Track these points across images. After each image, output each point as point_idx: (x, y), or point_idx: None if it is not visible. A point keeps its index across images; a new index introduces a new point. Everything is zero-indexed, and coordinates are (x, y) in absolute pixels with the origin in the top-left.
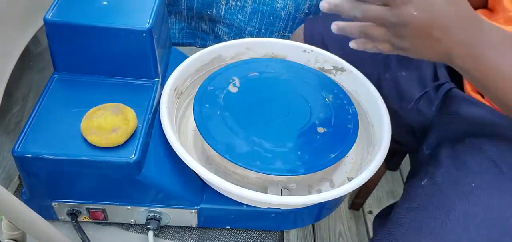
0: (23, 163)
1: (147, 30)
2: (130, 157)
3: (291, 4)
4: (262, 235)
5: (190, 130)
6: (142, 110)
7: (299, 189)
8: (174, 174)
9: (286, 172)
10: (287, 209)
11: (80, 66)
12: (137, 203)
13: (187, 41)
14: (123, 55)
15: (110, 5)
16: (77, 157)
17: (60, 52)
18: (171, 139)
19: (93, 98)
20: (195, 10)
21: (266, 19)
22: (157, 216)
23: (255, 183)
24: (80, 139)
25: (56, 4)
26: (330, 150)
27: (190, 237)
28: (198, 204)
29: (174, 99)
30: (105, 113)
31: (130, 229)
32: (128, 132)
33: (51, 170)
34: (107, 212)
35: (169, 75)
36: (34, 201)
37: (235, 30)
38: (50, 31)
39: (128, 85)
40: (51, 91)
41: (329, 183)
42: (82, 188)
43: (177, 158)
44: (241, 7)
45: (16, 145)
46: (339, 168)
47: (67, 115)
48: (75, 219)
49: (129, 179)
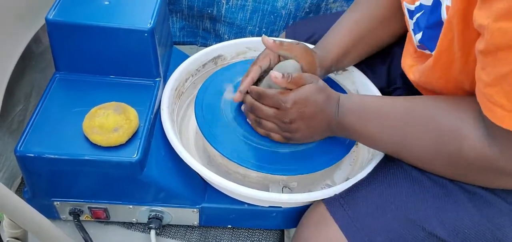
0: (26, 163)
1: (148, 30)
2: (132, 156)
3: (291, 3)
4: (263, 234)
5: (191, 130)
6: (144, 110)
7: (300, 188)
8: (176, 173)
9: (287, 171)
10: (288, 207)
11: (81, 65)
12: (139, 202)
13: (188, 40)
14: (124, 55)
15: (112, 5)
16: (79, 156)
17: (62, 52)
18: (172, 140)
19: (95, 97)
20: (196, 9)
21: (266, 18)
22: (159, 215)
23: (256, 182)
24: (82, 138)
25: (58, 3)
26: (331, 150)
27: (192, 236)
28: (200, 203)
29: (175, 100)
30: (107, 113)
31: (132, 228)
32: (130, 131)
33: (53, 169)
34: (109, 211)
35: (170, 74)
36: (37, 200)
37: (235, 29)
38: (51, 31)
39: (130, 85)
40: (52, 91)
41: (329, 182)
42: (84, 187)
43: (179, 157)
44: (242, 6)
45: (18, 145)
46: (339, 167)
47: (69, 114)
48: (77, 218)
49: (131, 178)
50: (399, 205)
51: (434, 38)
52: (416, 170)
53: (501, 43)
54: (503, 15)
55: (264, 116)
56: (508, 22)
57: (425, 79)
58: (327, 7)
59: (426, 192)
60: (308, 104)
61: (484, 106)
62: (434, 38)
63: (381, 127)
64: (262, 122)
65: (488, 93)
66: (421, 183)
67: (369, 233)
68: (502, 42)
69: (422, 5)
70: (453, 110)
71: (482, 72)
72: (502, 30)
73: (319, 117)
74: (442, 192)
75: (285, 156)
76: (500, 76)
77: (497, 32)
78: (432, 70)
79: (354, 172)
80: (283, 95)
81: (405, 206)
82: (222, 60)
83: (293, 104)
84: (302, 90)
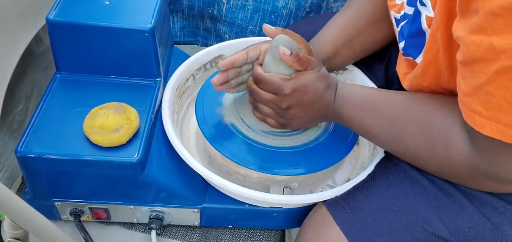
0: (26, 163)
1: (149, 29)
2: (133, 156)
3: (292, 3)
4: (264, 234)
5: (192, 130)
6: (145, 110)
7: (301, 189)
8: (177, 173)
9: (288, 171)
10: (289, 208)
11: (82, 66)
12: (140, 202)
13: (189, 40)
14: (125, 55)
15: (112, 5)
16: (80, 156)
17: (62, 52)
18: (173, 140)
19: (95, 98)
20: (197, 9)
21: (267, 18)
22: (160, 216)
23: (257, 183)
24: (83, 139)
25: (58, 3)
26: (332, 150)
27: (193, 237)
28: (201, 204)
29: (175, 100)
30: (107, 113)
31: (132, 229)
32: (131, 131)
33: (54, 170)
34: (110, 212)
35: (171, 74)
36: (37, 201)
37: (236, 28)
38: (52, 31)
39: (130, 85)
40: (53, 91)
41: (330, 182)
42: (85, 187)
43: (179, 157)
44: (243, 5)
45: (19, 145)
46: (340, 168)
47: (69, 115)
48: (78, 218)
49: (131, 178)
50: (400, 206)
51: (415, 46)
52: (414, 170)
53: (475, 55)
54: (476, 29)
55: (262, 101)
56: (481, 35)
57: (416, 87)
58: (328, 6)
59: (426, 192)
60: (308, 92)
61: (465, 115)
62: (416, 46)
63: (378, 121)
64: (259, 106)
65: (467, 102)
66: (421, 183)
67: (371, 235)
68: (476, 54)
69: (406, 14)
70: (444, 112)
71: (462, 82)
72: (475, 43)
73: (317, 105)
74: (441, 192)
75: (286, 156)
76: (476, 86)
77: (471, 44)
78: (421, 79)
79: (355, 172)
80: (282, 82)
81: (406, 207)
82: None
83: (292, 92)
84: (302, 78)
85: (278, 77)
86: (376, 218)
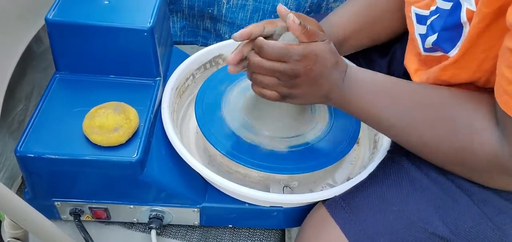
0: (26, 163)
1: (148, 29)
2: (132, 156)
3: (292, 2)
4: (264, 233)
5: (192, 129)
6: (144, 109)
7: (301, 188)
8: (177, 172)
9: (288, 170)
10: (289, 207)
11: (81, 65)
12: (140, 202)
13: (189, 40)
14: (124, 55)
15: (111, 4)
16: (79, 156)
17: (62, 52)
18: (173, 139)
19: (95, 97)
20: (196, 9)
21: (267, 18)
22: (160, 215)
23: (257, 182)
24: (82, 138)
25: (58, 3)
26: (332, 149)
27: (193, 236)
28: (201, 203)
29: (175, 99)
30: (107, 112)
31: (132, 228)
32: (130, 131)
33: (54, 170)
34: (110, 211)
35: (170, 74)
36: (37, 201)
37: (236, 28)
38: (51, 31)
39: (130, 84)
40: (52, 91)
41: (330, 181)
42: (85, 187)
43: (179, 156)
44: (242, 5)
45: (18, 145)
46: (340, 167)
47: (69, 114)
48: (78, 218)
49: (131, 178)
50: (400, 206)
51: (450, 40)
52: (415, 169)
53: None
54: None
55: (263, 71)
56: None
57: (432, 81)
58: (328, 6)
59: (427, 192)
60: (317, 62)
61: (504, 103)
62: (450, 39)
63: (393, 107)
64: (259, 78)
65: (510, 90)
66: (421, 183)
67: (371, 235)
68: None
69: (439, 8)
70: (468, 102)
71: (507, 70)
72: None
73: (323, 80)
74: (442, 191)
75: (286, 155)
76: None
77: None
78: (445, 70)
79: (355, 171)
80: (291, 47)
81: (406, 207)
82: (223, 60)
83: (302, 58)
84: (313, 45)
85: (284, 43)
86: (377, 218)
